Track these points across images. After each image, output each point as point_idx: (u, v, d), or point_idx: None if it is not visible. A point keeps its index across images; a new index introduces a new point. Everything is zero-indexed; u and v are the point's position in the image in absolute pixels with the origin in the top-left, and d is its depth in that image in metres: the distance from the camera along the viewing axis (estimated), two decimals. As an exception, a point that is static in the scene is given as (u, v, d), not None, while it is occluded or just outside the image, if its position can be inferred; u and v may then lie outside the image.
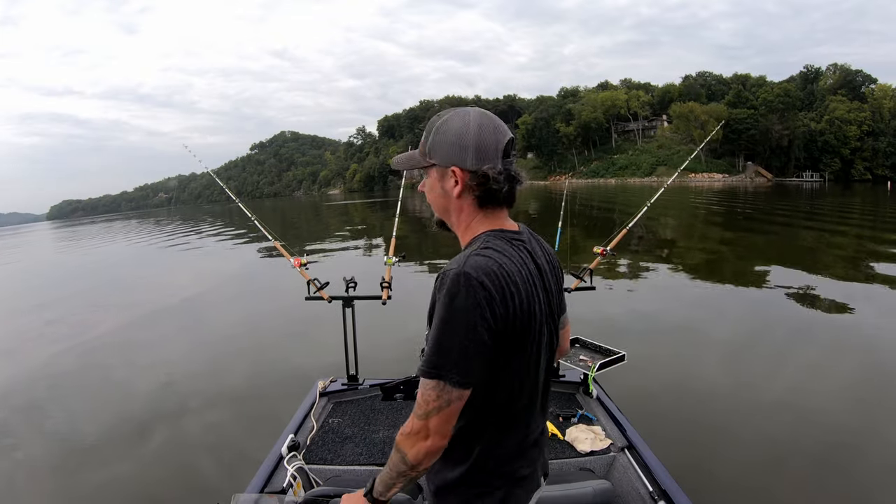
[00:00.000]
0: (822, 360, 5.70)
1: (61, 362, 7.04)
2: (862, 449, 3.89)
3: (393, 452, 1.20)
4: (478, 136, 1.18)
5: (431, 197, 1.29)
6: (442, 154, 1.22)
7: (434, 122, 1.24)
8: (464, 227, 1.27)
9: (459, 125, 1.19)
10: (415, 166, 1.31)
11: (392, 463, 1.21)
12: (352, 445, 2.77)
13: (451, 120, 1.21)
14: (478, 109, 1.23)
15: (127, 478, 4.01)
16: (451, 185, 1.22)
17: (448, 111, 1.24)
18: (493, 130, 1.19)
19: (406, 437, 1.16)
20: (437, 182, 1.26)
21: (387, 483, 1.23)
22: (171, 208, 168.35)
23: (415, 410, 1.14)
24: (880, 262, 11.35)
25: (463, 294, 1.08)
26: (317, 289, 3.36)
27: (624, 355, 3.20)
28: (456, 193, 1.22)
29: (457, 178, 1.21)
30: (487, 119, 1.21)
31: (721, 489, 3.38)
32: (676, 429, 4.12)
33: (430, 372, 1.11)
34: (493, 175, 1.18)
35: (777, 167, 70.51)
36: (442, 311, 1.11)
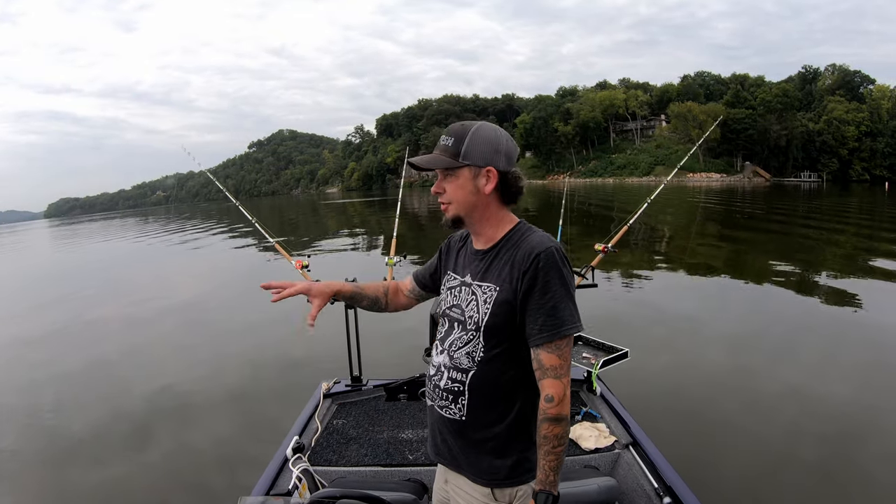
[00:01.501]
0: (825, 355, 5.73)
1: (61, 364, 7.01)
2: (866, 441, 3.91)
3: (556, 430, 1.32)
4: (508, 144, 1.43)
5: (459, 194, 1.43)
6: (478, 156, 1.40)
7: (465, 129, 1.41)
8: (494, 220, 1.46)
9: (493, 134, 1.42)
10: (446, 166, 1.43)
11: (558, 439, 1.32)
12: (356, 446, 2.77)
13: (482, 128, 1.42)
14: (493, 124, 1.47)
15: (131, 482, 4.00)
16: (484, 183, 1.41)
17: (472, 122, 1.44)
18: (513, 143, 1.46)
19: (563, 401, 1.32)
20: (469, 181, 1.42)
21: (559, 465, 1.35)
22: (169, 206, 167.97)
23: (554, 375, 1.32)
24: (878, 259, 11.39)
25: (566, 264, 1.36)
26: None
27: (627, 352, 3.21)
28: (488, 191, 1.42)
29: (490, 176, 1.41)
30: (508, 133, 1.47)
31: (726, 484, 3.39)
32: (681, 425, 4.13)
33: (568, 329, 1.33)
34: (516, 175, 1.44)
35: (775, 167, 70.60)
36: (556, 279, 1.33)
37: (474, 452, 1.44)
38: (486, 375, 1.41)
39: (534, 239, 1.38)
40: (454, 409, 1.45)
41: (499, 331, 1.39)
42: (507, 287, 1.38)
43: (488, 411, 1.41)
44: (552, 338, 1.32)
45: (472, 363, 1.42)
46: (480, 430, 1.43)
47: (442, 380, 1.48)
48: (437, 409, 1.50)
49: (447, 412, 1.46)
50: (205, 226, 35.80)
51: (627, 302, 8.51)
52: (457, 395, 1.44)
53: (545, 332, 1.32)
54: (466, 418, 1.43)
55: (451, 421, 1.46)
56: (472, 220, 1.47)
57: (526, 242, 1.38)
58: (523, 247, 1.38)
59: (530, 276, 1.33)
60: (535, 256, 1.33)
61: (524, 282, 1.34)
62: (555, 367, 1.32)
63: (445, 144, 1.42)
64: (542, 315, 1.33)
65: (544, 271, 1.32)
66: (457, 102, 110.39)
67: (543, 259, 1.33)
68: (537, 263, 1.33)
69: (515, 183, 1.44)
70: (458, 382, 1.44)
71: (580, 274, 3.43)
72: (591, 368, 3.07)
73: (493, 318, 1.39)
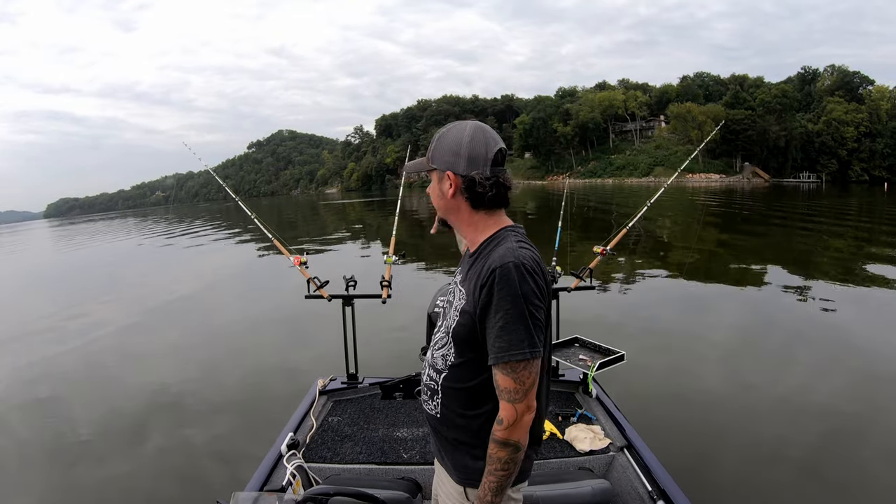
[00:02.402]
0: (820, 361, 5.72)
1: (60, 362, 7.01)
2: (861, 448, 3.91)
3: (501, 454, 1.30)
4: (471, 147, 1.37)
5: (434, 198, 1.47)
6: (440, 160, 1.41)
7: (438, 133, 1.44)
8: (468, 225, 1.45)
9: (456, 136, 1.39)
10: (417, 170, 1.52)
11: (505, 464, 1.31)
12: (351, 444, 2.77)
13: (450, 131, 1.41)
14: (475, 123, 1.42)
15: (126, 476, 4.00)
16: (447, 188, 1.41)
17: (452, 124, 1.43)
18: (483, 142, 1.38)
19: (514, 427, 1.29)
20: (437, 184, 1.45)
21: (501, 487, 1.33)
22: (169, 206, 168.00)
23: (508, 398, 1.29)
24: (876, 262, 11.40)
25: (527, 280, 1.27)
26: (316, 287, 3.35)
27: (623, 355, 3.20)
28: (450, 195, 1.41)
29: (451, 181, 1.39)
30: (480, 132, 1.39)
31: (719, 488, 3.39)
32: (675, 428, 4.13)
33: (520, 354, 1.26)
34: (479, 179, 1.36)
35: (774, 168, 70.59)
36: (511, 298, 1.26)
37: (450, 449, 1.47)
38: (456, 379, 1.42)
39: (498, 251, 1.32)
40: (431, 406, 1.49)
41: (464, 339, 1.38)
42: (470, 298, 1.36)
43: (458, 413, 1.43)
44: (501, 360, 1.28)
45: (445, 366, 1.44)
46: (453, 430, 1.45)
47: (425, 375, 1.53)
48: (422, 403, 1.55)
49: (427, 407, 1.52)
50: (204, 225, 35.76)
51: (624, 304, 8.51)
52: (433, 392, 1.48)
53: (498, 353, 1.28)
54: (440, 416, 1.47)
55: (431, 416, 1.51)
56: (451, 222, 1.49)
57: (492, 254, 1.33)
58: (488, 258, 1.33)
59: (486, 292, 1.29)
60: (491, 272, 1.28)
61: (482, 297, 1.30)
62: (508, 389, 1.29)
63: (428, 146, 1.47)
64: (493, 334, 1.29)
65: (498, 288, 1.27)
66: (456, 103, 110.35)
67: (499, 275, 1.27)
68: (493, 279, 1.28)
69: (483, 188, 1.36)
70: (433, 381, 1.48)
71: (578, 276, 3.43)
72: (587, 370, 3.07)
73: (459, 326, 1.39)
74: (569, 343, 3.49)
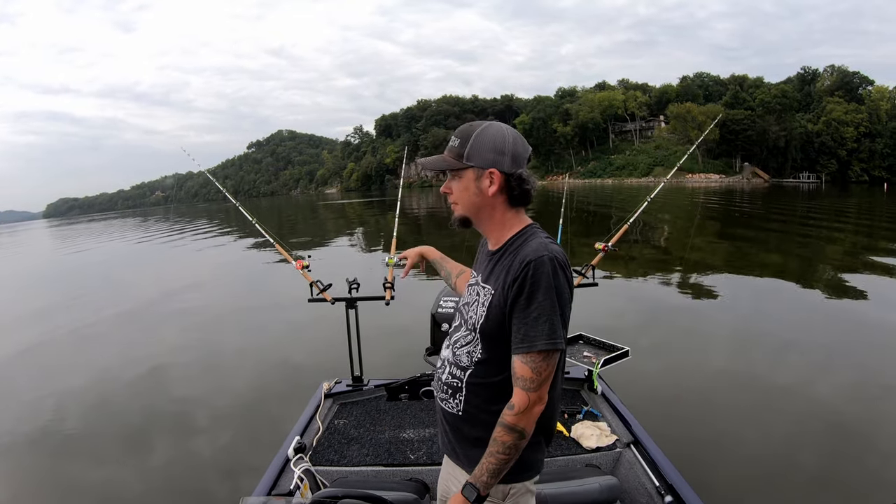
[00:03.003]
0: (826, 356, 5.73)
1: (57, 365, 6.99)
2: (868, 440, 3.92)
3: (505, 438, 1.33)
4: (515, 145, 1.41)
5: (464, 196, 1.45)
6: (481, 158, 1.40)
7: (470, 131, 1.42)
8: (498, 223, 1.47)
9: (498, 135, 1.41)
10: (448, 168, 1.46)
11: (507, 448, 1.33)
12: (358, 446, 2.77)
13: (489, 129, 1.42)
14: (506, 125, 1.45)
15: (130, 484, 3.99)
16: (487, 185, 1.41)
17: (480, 123, 1.44)
18: (523, 143, 1.44)
19: (523, 414, 1.32)
20: (472, 182, 1.43)
21: (499, 471, 1.36)
22: (168, 207, 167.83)
23: (523, 386, 1.32)
24: (877, 261, 11.41)
25: (559, 274, 1.31)
26: (319, 290, 3.35)
27: (628, 351, 3.20)
28: (492, 192, 1.42)
29: (494, 178, 1.40)
30: (518, 133, 1.44)
31: (728, 483, 3.40)
32: (682, 423, 4.14)
33: (548, 345, 1.30)
34: (525, 177, 1.43)
35: (774, 168, 70.64)
36: (544, 290, 1.30)
37: (470, 446, 1.47)
38: (482, 375, 1.44)
39: (531, 245, 1.36)
40: (452, 404, 1.49)
41: (493, 334, 1.40)
42: (500, 292, 1.38)
43: (483, 410, 1.44)
44: (527, 350, 1.31)
45: (471, 362, 1.45)
46: (476, 427, 1.46)
47: (444, 374, 1.53)
48: (439, 402, 1.55)
49: (447, 405, 1.51)
50: (205, 227, 35.77)
51: (628, 300, 8.51)
52: (455, 390, 1.48)
53: (524, 342, 1.31)
54: (463, 414, 1.47)
55: (450, 414, 1.51)
56: (478, 221, 1.49)
57: (523, 248, 1.37)
58: (519, 253, 1.36)
59: (519, 284, 1.32)
60: (526, 265, 1.31)
61: (513, 289, 1.33)
62: (524, 378, 1.32)
63: (452, 145, 1.44)
64: (523, 325, 1.32)
65: (532, 281, 1.30)
66: (456, 103, 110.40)
67: (534, 268, 1.30)
68: (527, 272, 1.31)
69: (521, 185, 1.43)
70: (457, 378, 1.48)
71: (581, 273, 3.43)
72: (592, 367, 3.07)
73: (487, 321, 1.40)
74: (573, 340, 3.50)
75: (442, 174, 1.51)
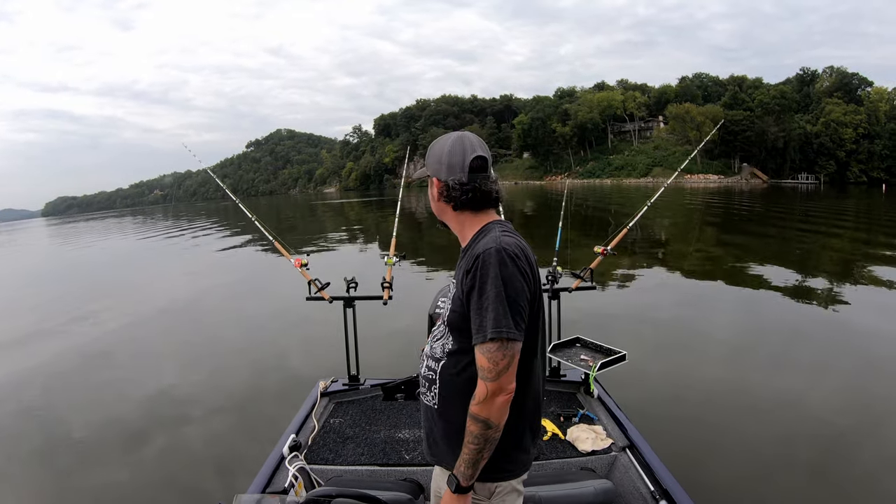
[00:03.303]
0: (820, 361, 5.73)
1: (56, 364, 6.97)
2: (861, 446, 3.93)
3: (472, 428, 1.36)
4: (449, 155, 1.51)
5: (431, 201, 1.62)
6: (430, 167, 1.57)
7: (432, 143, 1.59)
8: (458, 224, 1.56)
9: (440, 146, 1.54)
10: (419, 177, 1.67)
11: (475, 438, 1.36)
12: (353, 445, 2.77)
13: (438, 142, 1.57)
14: (459, 133, 1.55)
15: (126, 480, 3.98)
16: (435, 192, 1.57)
17: (444, 135, 1.58)
18: (461, 151, 1.50)
19: (484, 404, 1.34)
20: (429, 189, 1.60)
21: (474, 461, 1.38)
22: (168, 206, 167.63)
23: (482, 376, 1.35)
24: (875, 262, 11.42)
25: (507, 264, 1.35)
26: (318, 289, 3.35)
27: (625, 355, 3.20)
28: (435, 198, 1.57)
29: (435, 186, 1.56)
30: (460, 142, 1.52)
31: (722, 488, 3.39)
32: (677, 428, 4.14)
33: (495, 333, 1.32)
34: (453, 184, 1.49)
35: (773, 169, 70.66)
36: (490, 281, 1.34)
37: (450, 442, 1.49)
38: (452, 366, 1.48)
39: (483, 240, 1.43)
40: (430, 396, 1.55)
41: (457, 326, 1.46)
42: (458, 286, 1.46)
43: (456, 401, 1.47)
44: (481, 340, 1.35)
45: (443, 353, 1.51)
46: (450, 419, 1.48)
47: (422, 367, 1.59)
48: (420, 396, 1.61)
49: (425, 398, 1.57)
50: (204, 225, 35.74)
51: (626, 304, 8.52)
52: (431, 382, 1.54)
53: (477, 333, 1.36)
54: (438, 406, 1.52)
55: (428, 408, 1.56)
56: (443, 223, 1.62)
57: (476, 244, 1.45)
58: (474, 248, 1.44)
59: (470, 277, 1.38)
60: (475, 258, 1.38)
61: (467, 282, 1.40)
62: (483, 368, 1.35)
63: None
64: (476, 316, 1.37)
65: (481, 273, 1.36)
66: (455, 103, 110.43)
67: (482, 260, 1.36)
68: (476, 265, 1.37)
69: (457, 192, 1.49)
70: (431, 370, 1.54)
71: (579, 276, 3.43)
72: (589, 371, 3.07)
73: (452, 313, 1.47)
74: (570, 343, 3.49)
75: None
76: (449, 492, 1.43)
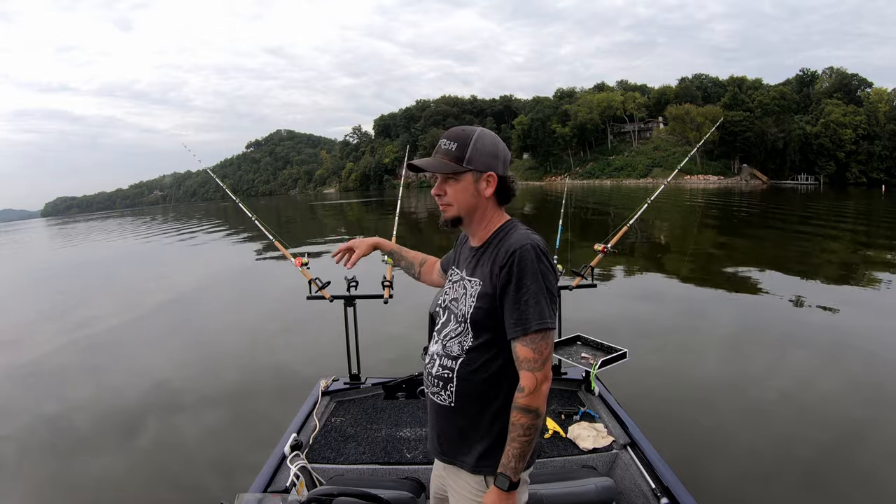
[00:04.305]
0: (820, 359, 5.75)
1: (56, 362, 6.98)
2: (860, 443, 3.93)
3: (523, 420, 1.39)
4: (505, 150, 1.55)
5: (462, 197, 1.53)
6: (481, 162, 1.50)
7: (467, 136, 1.50)
8: (487, 221, 1.56)
9: (493, 140, 1.53)
10: (451, 171, 1.51)
11: (526, 430, 1.39)
12: (354, 444, 2.77)
13: (485, 135, 1.52)
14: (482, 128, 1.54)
15: (128, 479, 3.99)
16: (484, 187, 1.51)
17: (472, 128, 1.52)
18: (504, 146, 1.56)
19: (534, 394, 1.39)
20: (471, 184, 1.51)
21: (523, 454, 1.41)
22: (167, 206, 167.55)
23: (529, 367, 1.39)
24: (873, 263, 11.43)
25: (542, 259, 1.42)
26: (318, 288, 3.35)
27: (626, 352, 3.20)
28: (489, 194, 1.52)
29: (491, 181, 1.51)
30: (496, 137, 1.55)
31: (723, 485, 3.40)
32: (678, 425, 4.15)
33: (541, 325, 1.38)
34: (513, 178, 1.57)
35: (772, 169, 70.65)
36: (530, 275, 1.40)
37: (465, 440, 1.51)
38: (472, 363, 1.50)
39: (514, 236, 1.46)
40: (444, 396, 1.54)
41: (482, 322, 1.48)
42: (487, 282, 1.47)
43: (475, 398, 1.50)
44: (524, 332, 1.39)
45: (461, 351, 1.52)
46: (469, 417, 1.51)
47: (434, 367, 1.58)
48: (431, 396, 1.60)
49: (438, 398, 1.56)
50: (204, 225, 35.71)
51: (626, 302, 8.52)
52: (446, 381, 1.54)
53: (518, 326, 1.40)
54: (455, 404, 1.52)
55: (442, 407, 1.56)
56: (471, 220, 1.57)
57: (507, 239, 1.47)
58: (504, 244, 1.46)
59: (506, 271, 1.41)
60: (512, 253, 1.41)
61: (501, 277, 1.42)
62: (528, 359, 1.39)
63: (448, 149, 1.51)
64: (515, 310, 1.40)
65: (519, 267, 1.40)
66: (455, 103, 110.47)
67: (519, 256, 1.40)
68: (513, 260, 1.40)
69: (511, 186, 1.56)
70: (447, 369, 1.54)
71: (579, 274, 3.43)
72: (590, 368, 3.06)
73: (477, 310, 1.48)
74: (571, 341, 3.49)
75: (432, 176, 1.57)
76: (499, 492, 1.42)
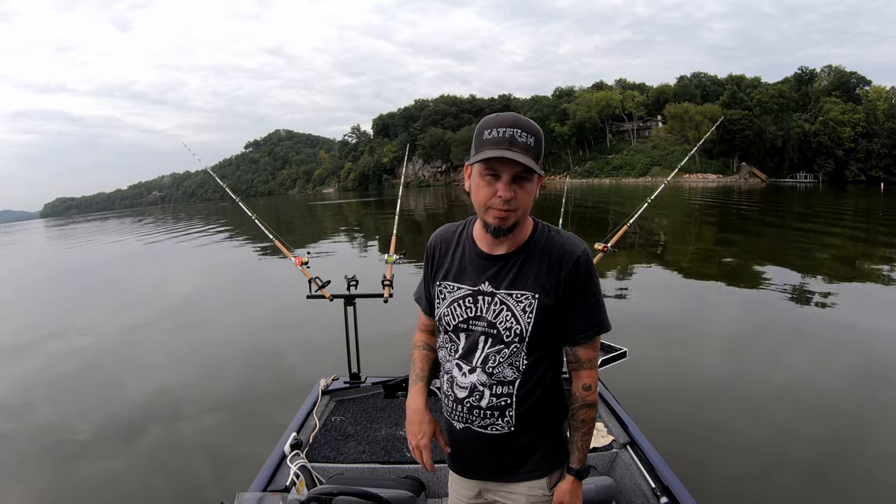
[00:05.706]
0: (819, 357, 5.74)
1: (57, 365, 6.94)
2: (859, 441, 3.93)
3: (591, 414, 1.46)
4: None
5: (528, 201, 1.35)
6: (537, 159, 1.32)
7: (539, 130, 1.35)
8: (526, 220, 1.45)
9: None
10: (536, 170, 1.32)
11: (590, 423, 1.46)
12: (354, 443, 2.77)
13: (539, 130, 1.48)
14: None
15: (128, 478, 3.99)
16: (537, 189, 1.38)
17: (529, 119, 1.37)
18: None
19: (595, 390, 1.46)
20: (536, 186, 1.36)
21: (588, 445, 1.48)
22: (167, 206, 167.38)
23: (590, 366, 1.44)
24: (872, 261, 11.44)
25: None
26: (318, 287, 3.35)
27: (626, 352, 3.20)
28: (537, 196, 1.39)
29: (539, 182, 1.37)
30: None
31: (723, 484, 3.40)
32: (678, 425, 4.15)
33: (605, 327, 1.43)
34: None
35: (771, 168, 70.70)
36: (596, 277, 1.42)
37: (529, 455, 1.46)
38: (530, 381, 1.40)
39: (564, 240, 1.41)
40: (501, 424, 1.41)
41: (543, 337, 1.39)
42: (549, 293, 1.36)
43: (536, 415, 1.43)
44: (596, 334, 1.42)
45: (517, 373, 1.39)
46: (530, 434, 1.44)
47: (483, 399, 1.40)
48: (477, 430, 1.43)
49: (493, 429, 1.42)
50: (203, 225, 35.68)
51: (626, 301, 8.52)
52: (504, 409, 1.40)
53: (588, 330, 1.41)
54: (516, 428, 1.41)
55: (498, 437, 1.43)
56: (524, 220, 1.40)
57: (559, 244, 1.39)
58: (557, 249, 1.38)
59: (573, 278, 1.37)
60: (577, 260, 1.37)
61: (566, 284, 1.36)
62: (590, 359, 1.44)
63: (527, 143, 1.28)
64: (584, 315, 1.40)
65: (587, 273, 1.39)
66: (453, 103, 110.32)
67: (584, 262, 1.38)
68: (578, 267, 1.37)
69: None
70: (504, 396, 1.39)
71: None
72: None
73: (538, 326, 1.36)
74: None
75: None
76: (574, 481, 1.46)
